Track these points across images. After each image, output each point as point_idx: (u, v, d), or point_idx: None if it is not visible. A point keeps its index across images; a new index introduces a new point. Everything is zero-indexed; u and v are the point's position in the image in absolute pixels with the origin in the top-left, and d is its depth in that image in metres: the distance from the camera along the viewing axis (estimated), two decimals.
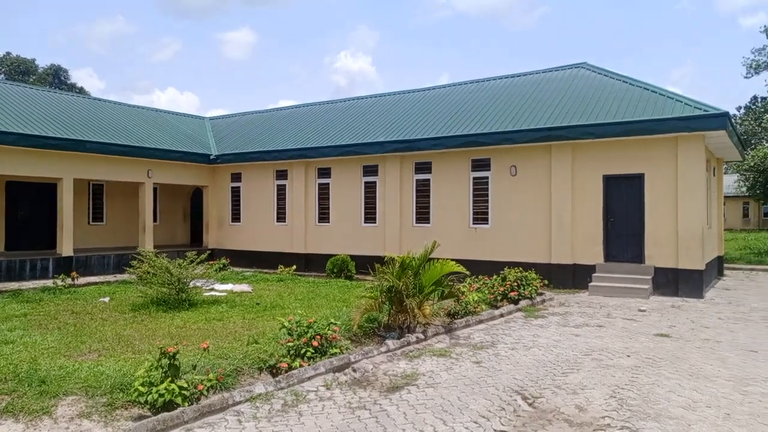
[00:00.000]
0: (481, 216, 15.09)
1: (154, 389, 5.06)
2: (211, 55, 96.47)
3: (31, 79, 39.45)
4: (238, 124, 23.78)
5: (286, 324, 7.03)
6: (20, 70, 40.85)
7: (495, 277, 11.66)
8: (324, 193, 18.04)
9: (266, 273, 16.73)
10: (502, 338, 8.38)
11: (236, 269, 17.55)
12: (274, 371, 6.43)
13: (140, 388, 5.11)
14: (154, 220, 19.52)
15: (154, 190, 19.28)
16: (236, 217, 20.16)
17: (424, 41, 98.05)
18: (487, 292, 10.69)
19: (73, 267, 15.57)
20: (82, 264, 16.30)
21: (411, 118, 17.43)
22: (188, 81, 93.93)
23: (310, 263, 17.83)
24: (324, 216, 18.01)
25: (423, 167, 16.13)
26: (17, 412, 5.06)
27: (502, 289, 10.79)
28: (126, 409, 5.25)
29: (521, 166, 14.39)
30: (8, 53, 42.08)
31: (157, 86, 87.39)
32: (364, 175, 17.21)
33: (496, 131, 14.48)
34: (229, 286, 13.18)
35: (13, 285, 13.83)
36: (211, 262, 12.28)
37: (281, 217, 18.96)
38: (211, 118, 26.11)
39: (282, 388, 5.87)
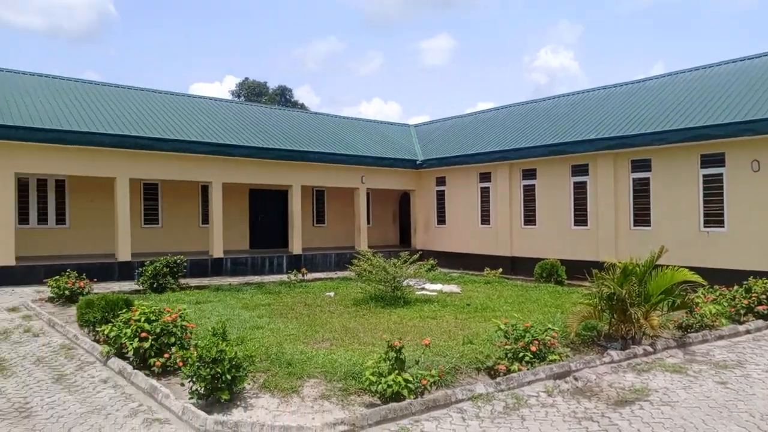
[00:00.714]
0: (713, 218, 13.37)
1: (383, 380, 5.41)
2: (412, 63, 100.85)
3: (263, 100, 45.28)
4: (440, 129, 24.44)
5: (502, 326, 7.00)
6: (255, 92, 47.20)
7: (735, 287, 10.23)
8: (529, 194, 17.62)
9: (472, 275, 16.88)
10: (752, 358, 7.30)
11: (443, 270, 18.03)
12: (491, 373, 6.44)
13: (371, 377, 5.51)
14: (367, 222, 20.96)
15: (367, 194, 20.72)
16: (441, 219, 20.72)
17: (633, 29, 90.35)
18: (726, 304, 9.44)
19: (302, 264, 17.45)
20: (308, 261, 18.19)
21: (622, 113, 16.15)
22: (391, 91, 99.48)
23: (516, 266, 17.56)
24: (530, 218, 17.59)
25: (640, 165, 14.83)
26: (272, 388, 5.82)
27: (746, 301, 9.42)
28: (358, 395, 5.70)
29: (767, 160, 12.44)
30: (246, 78, 48.94)
31: (364, 98, 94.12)
32: (572, 175, 16.41)
33: (733, 122, 12.71)
34: (438, 286, 13.58)
35: (257, 278, 15.96)
36: (420, 262, 12.76)
37: (485, 219, 18.99)
38: (415, 125, 27.23)
39: (502, 390, 5.85)
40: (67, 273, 11.97)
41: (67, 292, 11.39)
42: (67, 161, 14.52)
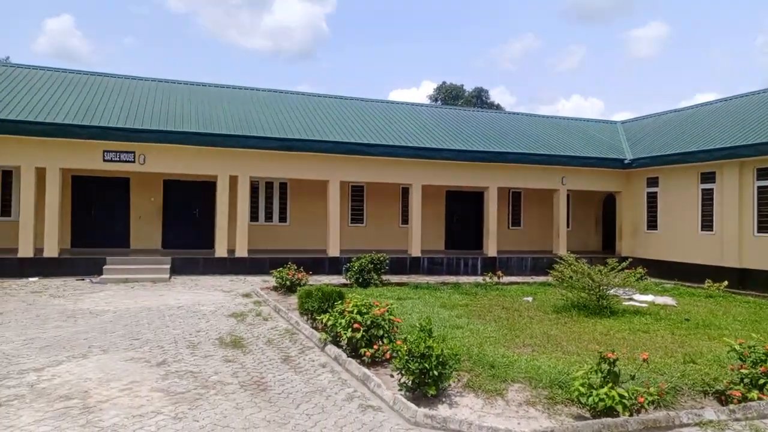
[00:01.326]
0: None
1: (595, 392, 5.10)
2: (617, 56, 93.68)
3: (460, 102, 45.92)
4: (652, 125, 22.32)
5: (736, 347, 6.15)
6: (452, 96, 48.13)
7: None
8: (765, 197, 15.21)
9: (689, 287, 15.15)
10: None
11: (653, 280, 16.45)
12: (722, 398, 5.70)
13: (580, 388, 5.23)
14: (567, 226, 20.02)
15: (567, 196, 19.78)
16: (652, 224, 18.92)
17: None
18: None
19: (496, 266, 17.31)
20: (503, 264, 17.97)
21: None
22: (593, 86, 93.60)
23: (746, 279, 15.29)
24: (765, 225, 15.18)
25: None
26: (476, 388, 5.85)
27: None
28: (565, 405, 5.46)
29: None
30: (444, 82, 50.15)
31: (562, 95, 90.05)
32: None
33: None
34: (649, 297, 12.43)
35: (452, 278, 16.24)
36: (628, 270, 11.79)
37: (707, 225, 16.86)
38: (623, 122, 25.27)
39: (738, 420, 5.15)
40: (288, 265, 13.42)
41: (288, 283, 12.80)
42: (290, 166, 16.33)
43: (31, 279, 13.66)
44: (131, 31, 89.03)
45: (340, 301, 8.28)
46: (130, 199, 17.08)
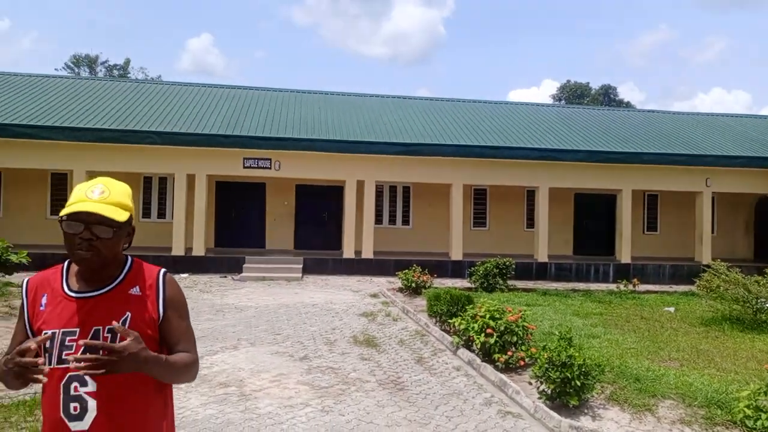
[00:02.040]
0: None
1: (764, 416, 4.66)
2: (764, 45, 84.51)
3: (585, 101, 43.90)
4: None
5: None
6: (577, 94, 46.16)
7: None
8: None
9: None
10: None
11: None
12: None
13: (746, 410, 4.81)
14: (711, 231, 18.38)
15: (711, 199, 18.16)
16: None
17: None
18: None
19: (630, 273, 16.31)
20: (638, 271, 16.89)
21: None
22: (736, 78, 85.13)
23: None
24: None
25: None
26: (621, 402, 5.58)
27: None
28: (726, 427, 5.03)
29: None
30: (568, 81, 48.29)
31: (700, 89, 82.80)
32: None
33: None
34: None
35: (582, 285, 15.54)
36: None
37: None
38: None
39: None
40: (413, 268, 13.61)
41: (413, 285, 12.99)
42: (414, 170, 16.59)
43: (182, 275, 15.07)
44: (261, 46, 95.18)
45: (470, 305, 8.26)
46: (266, 203, 18.25)
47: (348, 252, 16.41)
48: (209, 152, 15.69)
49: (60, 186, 17.15)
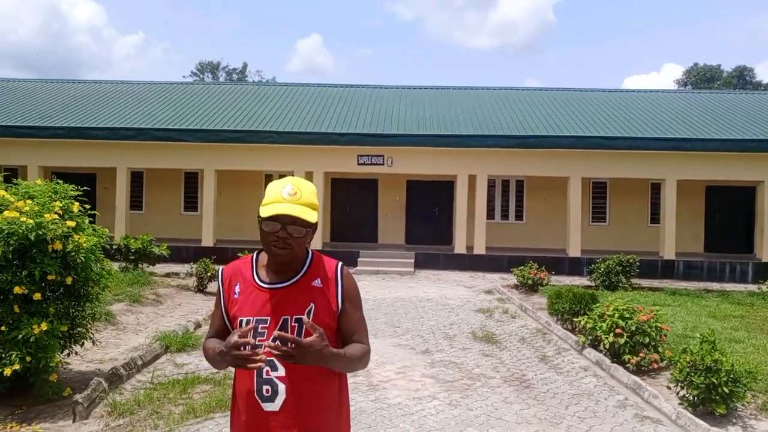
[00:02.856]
0: None
1: None
2: None
3: (716, 85, 40.39)
4: None
5: None
6: (706, 78, 42.58)
7: None
8: None
9: None
10: None
11: None
12: None
13: None
14: None
15: None
16: None
17: None
18: None
19: None
20: None
21: None
22: None
23: None
24: None
25: None
26: None
27: None
28: None
29: None
30: (695, 64, 44.66)
31: None
32: None
33: None
34: None
35: (715, 285, 14.36)
36: None
37: None
38: None
39: None
40: (528, 264, 13.28)
41: (529, 281, 12.68)
42: (528, 163, 16.18)
43: None
44: (366, 44, 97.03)
45: (596, 304, 7.92)
46: (378, 198, 18.63)
47: (459, 247, 16.35)
48: (325, 150, 16.28)
49: (192, 184, 18.61)
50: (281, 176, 13.78)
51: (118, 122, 16.66)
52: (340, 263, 2.03)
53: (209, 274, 11.46)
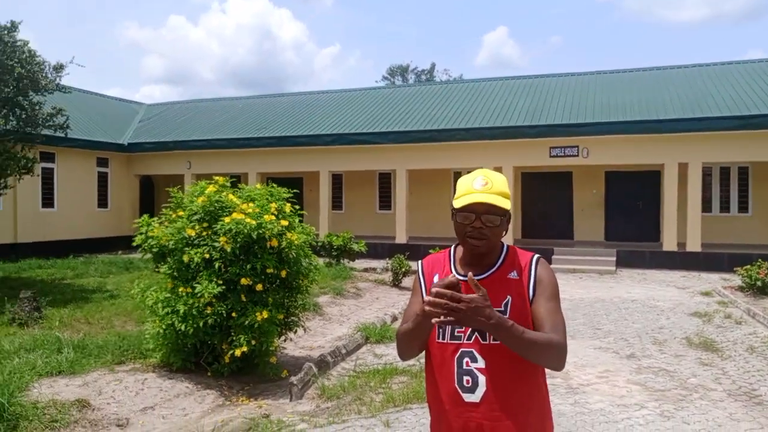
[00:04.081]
0: None
1: None
2: None
3: None
4: None
5: None
6: None
7: None
8: None
9: None
10: None
11: None
12: None
13: None
14: None
15: None
16: None
17: None
18: None
19: None
20: None
21: None
22: None
23: None
24: None
25: None
26: None
27: None
28: None
29: None
30: None
31: None
32: None
33: None
34: None
35: None
36: None
37: None
38: None
39: None
40: (757, 262, 11.48)
41: (758, 283, 10.95)
42: (751, 146, 14.03)
43: None
44: (556, 31, 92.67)
45: None
46: (572, 192, 17.68)
47: (669, 244, 14.76)
48: (514, 144, 15.91)
49: (385, 184, 19.57)
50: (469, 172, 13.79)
51: (319, 129, 18.19)
52: (537, 255, 1.95)
53: (404, 269, 11.93)
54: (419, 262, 2.10)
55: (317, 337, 7.71)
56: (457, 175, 18.94)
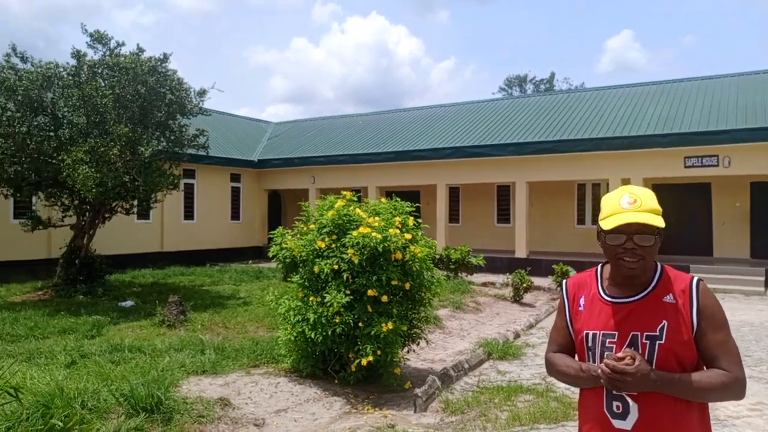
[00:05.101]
0: None
1: None
2: None
3: None
4: None
5: None
6: None
7: None
8: None
9: None
10: None
11: None
12: None
13: None
14: None
15: None
16: None
17: None
18: None
19: None
20: None
21: None
22: None
23: None
24: None
25: None
26: None
27: None
28: None
29: None
30: None
31: None
32: None
33: None
34: None
35: None
36: None
37: None
38: None
39: None
40: None
41: None
42: None
43: None
44: (689, 30, 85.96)
45: None
46: (711, 205, 16.26)
47: None
48: (644, 154, 14.95)
49: (504, 196, 19.24)
50: (594, 185, 13.29)
51: (436, 143, 18.31)
52: (696, 277, 1.82)
53: (525, 285, 11.62)
54: (564, 282, 2.05)
55: (438, 350, 7.72)
56: (582, 187, 18.16)
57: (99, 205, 10.96)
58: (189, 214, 18.97)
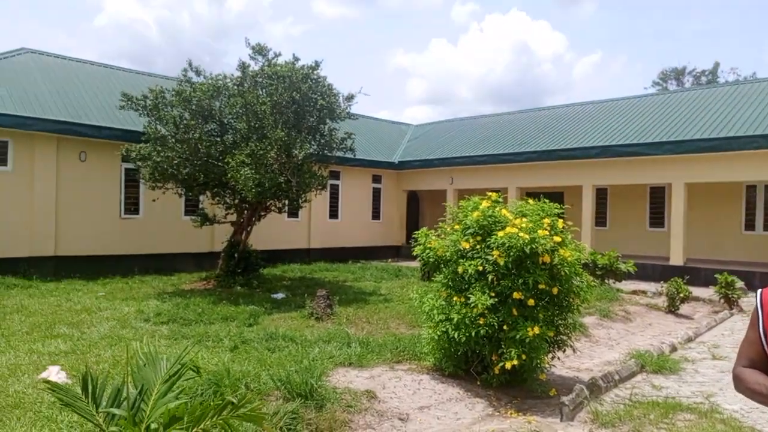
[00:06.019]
0: None
1: None
2: None
3: None
4: None
5: None
6: None
7: None
8: None
9: None
10: None
11: None
12: None
13: None
14: None
15: None
16: None
17: None
18: None
19: None
20: None
21: None
22: None
23: None
24: None
25: None
26: None
27: None
28: None
29: None
30: None
31: None
32: None
33: None
34: None
35: None
36: None
37: None
38: None
39: None
40: None
41: None
42: None
43: None
44: None
45: None
46: None
47: None
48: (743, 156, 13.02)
49: (657, 198, 17.83)
50: (767, 186, 11.84)
51: (582, 142, 17.41)
52: None
53: (681, 295, 10.68)
54: (758, 292, 1.87)
55: (584, 359, 7.36)
56: (751, 189, 16.27)
57: (256, 203, 11.92)
58: (334, 213, 19.94)
